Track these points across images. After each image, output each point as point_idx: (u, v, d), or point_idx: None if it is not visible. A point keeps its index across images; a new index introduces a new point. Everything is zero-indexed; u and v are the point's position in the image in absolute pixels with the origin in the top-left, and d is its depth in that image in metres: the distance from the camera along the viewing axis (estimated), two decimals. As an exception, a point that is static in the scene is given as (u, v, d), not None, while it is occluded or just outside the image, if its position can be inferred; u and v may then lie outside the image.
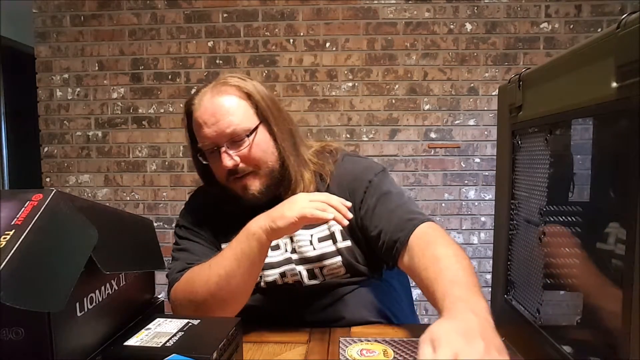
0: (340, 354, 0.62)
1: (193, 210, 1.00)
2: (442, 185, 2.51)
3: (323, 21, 2.48)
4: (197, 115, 0.88)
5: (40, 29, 2.56)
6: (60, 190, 0.53)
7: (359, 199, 0.89)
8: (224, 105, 0.87)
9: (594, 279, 0.55)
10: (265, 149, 0.88)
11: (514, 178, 0.72)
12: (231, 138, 0.85)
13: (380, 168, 0.94)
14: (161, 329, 0.60)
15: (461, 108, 2.49)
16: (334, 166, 0.94)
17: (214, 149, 0.87)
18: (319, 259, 0.89)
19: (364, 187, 0.89)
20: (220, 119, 0.85)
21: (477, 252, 2.52)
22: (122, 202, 2.58)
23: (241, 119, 0.86)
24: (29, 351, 0.48)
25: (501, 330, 0.76)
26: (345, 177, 0.92)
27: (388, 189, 0.89)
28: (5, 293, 0.40)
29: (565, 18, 2.43)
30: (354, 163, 0.96)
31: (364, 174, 0.91)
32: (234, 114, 0.86)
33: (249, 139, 0.86)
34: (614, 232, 0.49)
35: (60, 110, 2.58)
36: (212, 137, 0.86)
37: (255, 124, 0.88)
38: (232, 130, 0.85)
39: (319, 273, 0.89)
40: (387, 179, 0.93)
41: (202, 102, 0.89)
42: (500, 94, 0.77)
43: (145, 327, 0.61)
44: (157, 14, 2.52)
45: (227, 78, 0.92)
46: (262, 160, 0.88)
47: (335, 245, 0.89)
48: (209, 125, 0.86)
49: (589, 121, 0.57)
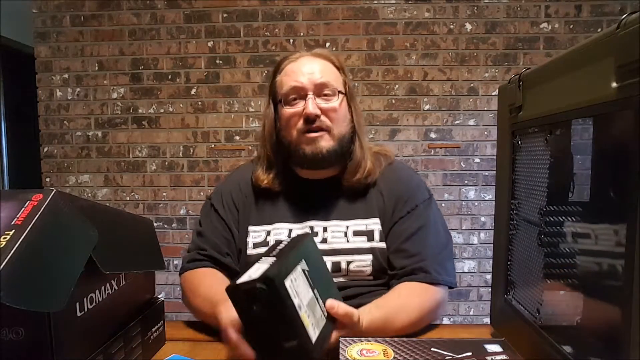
0: (340, 354, 0.62)
1: (227, 187, 1.01)
2: (442, 185, 2.51)
3: (323, 21, 2.48)
4: (293, 65, 0.93)
5: (40, 29, 2.56)
6: (60, 190, 0.53)
7: (400, 214, 0.92)
8: (321, 63, 0.93)
9: (594, 279, 0.55)
10: (344, 115, 0.93)
11: (514, 178, 0.72)
12: (321, 89, 0.90)
13: (428, 195, 0.96)
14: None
15: (461, 108, 2.49)
16: (386, 168, 0.97)
17: (299, 95, 0.90)
18: (350, 252, 0.89)
19: (410, 207, 0.92)
20: (316, 70, 0.91)
21: (477, 252, 2.52)
22: (122, 202, 2.58)
23: (335, 79, 0.93)
24: (29, 351, 0.48)
25: (501, 330, 0.77)
26: (398, 186, 0.95)
27: (427, 222, 0.92)
28: (5, 293, 0.40)
29: (565, 18, 2.43)
30: (409, 176, 0.99)
31: (415, 195, 0.94)
32: (329, 72, 0.93)
33: (338, 96, 0.91)
34: (613, 233, 0.49)
35: (60, 110, 2.58)
36: (304, 82, 0.89)
37: (343, 90, 0.94)
38: (325, 81, 0.90)
39: (345, 268, 0.89)
40: (430, 209, 0.94)
41: (301, 58, 0.94)
42: (500, 94, 0.77)
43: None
44: (157, 14, 2.52)
45: (324, 50, 0.99)
46: (340, 123, 0.92)
47: (371, 243, 0.90)
48: (304, 74, 0.90)
49: (589, 121, 0.57)
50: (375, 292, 0.88)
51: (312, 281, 0.64)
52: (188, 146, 2.57)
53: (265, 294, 0.54)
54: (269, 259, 0.61)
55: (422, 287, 0.85)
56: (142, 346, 0.68)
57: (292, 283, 0.57)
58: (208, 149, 2.56)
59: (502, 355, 0.61)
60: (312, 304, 0.61)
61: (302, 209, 0.94)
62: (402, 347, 0.64)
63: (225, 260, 0.92)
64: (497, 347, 0.64)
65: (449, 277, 0.88)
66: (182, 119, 2.56)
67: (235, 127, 2.55)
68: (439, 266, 0.87)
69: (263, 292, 0.54)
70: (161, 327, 0.76)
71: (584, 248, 0.57)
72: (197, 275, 0.90)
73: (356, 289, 0.89)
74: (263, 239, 0.92)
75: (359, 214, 0.92)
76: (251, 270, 0.58)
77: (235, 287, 0.56)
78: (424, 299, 0.84)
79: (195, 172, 2.57)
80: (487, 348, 0.64)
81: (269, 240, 0.91)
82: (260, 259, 0.62)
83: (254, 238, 0.93)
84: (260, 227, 0.94)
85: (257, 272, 0.56)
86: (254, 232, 0.93)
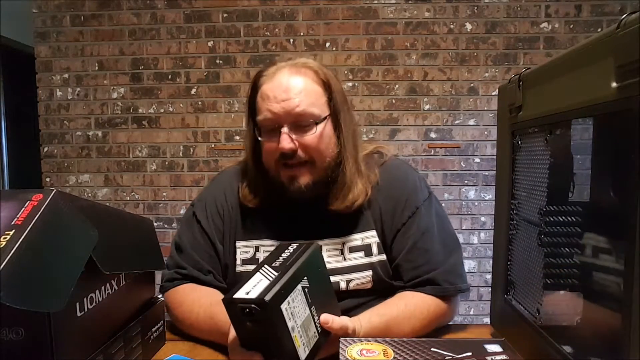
0: (340, 354, 0.62)
1: (211, 196, 0.93)
2: (442, 185, 2.51)
3: (323, 21, 2.48)
4: (268, 87, 0.81)
5: (40, 29, 2.56)
6: (60, 190, 0.53)
7: (401, 220, 0.86)
8: (299, 85, 0.80)
9: (594, 279, 0.55)
10: (327, 143, 0.83)
11: (514, 178, 0.72)
12: (297, 120, 0.79)
13: (427, 193, 0.91)
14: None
15: (461, 108, 2.49)
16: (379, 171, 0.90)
17: (274, 127, 0.80)
18: (348, 271, 0.85)
19: (410, 211, 0.86)
20: (291, 97, 0.79)
21: (477, 252, 2.52)
22: (122, 202, 2.58)
23: (313, 104, 0.80)
24: (29, 351, 0.48)
25: (501, 330, 0.77)
26: (394, 188, 0.89)
27: (430, 224, 0.87)
28: (5, 293, 0.40)
29: (565, 18, 2.43)
30: (405, 175, 0.92)
31: (414, 196, 0.88)
32: (307, 96, 0.80)
33: (316, 127, 0.80)
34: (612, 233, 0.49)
35: (60, 110, 2.58)
36: (277, 112, 0.79)
37: (325, 114, 0.82)
38: (301, 111, 0.79)
39: (345, 287, 0.85)
40: (432, 208, 0.89)
41: (277, 75, 0.82)
42: (500, 94, 0.77)
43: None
44: (157, 14, 2.52)
45: (307, 60, 0.85)
46: (322, 153, 0.82)
47: (369, 258, 0.85)
48: (277, 100, 0.79)
49: (589, 121, 0.57)
50: (377, 300, 0.85)
51: (310, 298, 0.64)
52: (188, 146, 2.57)
53: (260, 315, 0.54)
54: (270, 273, 0.60)
55: (431, 299, 0.82)
56: (142, 346, 0.68)
57: (289, 305, 0.58)
58: (208, 149, 2.56)
59: (502, 355, 0.61)
60: (307, 322, 0.62)
61: (291, 227, 0.86)
62: (402, 347, 0.64)
63: (207, 279, 0.87)
64: (497, 347, 0.64)
65: (460, 283, 0.85)
66: (182, 119, 2.56)
67: (235, 127, 2.54)
68: (449, 274, 0.83)
69: (258, 313, 0.54)
70: (161, 327, 0.76)
71: (584, 248, 0.57)
72: (180, 292, 0.86)
73: (357, 299, 0.86)
74: (252, 255, 0.87)
75: (353, 229, 0.87)
76: (250, 283, 0.58)
77: (231, 301, 0.56)
78: (431, 311, 0.81)
79: (195, 172, 2.57)
80: (487, 348, 0.64)
81: (258, 257, 0.87)
82: (262, 267, 0.62)
83: (242, 254, 0.88)
84: (248, 242, 0.88)
85: (255, 290, 0.56)
86: (242, 248, 0.88)
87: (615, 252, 0.48)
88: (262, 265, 0.63)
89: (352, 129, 0.87)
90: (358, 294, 0.86)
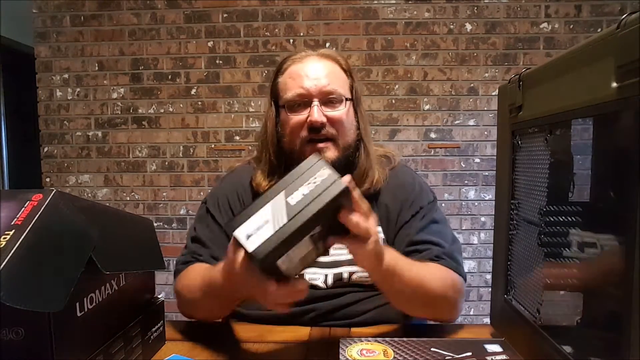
0: (340, 354, 0.62)
1: (223, 191, 0.97)
2: (442, 185, 2.51)
3: (323, 21, 2.48)
4: (298, 67, 0.89)
5: (40, 29, 2.56)
6: (60, 190, 0.53)
7: (405, 218, 0.90)
8: (328, 67, 0.89)
9: (594, 279, 0.55)
10: (351, 123, 0.89)
11: (514, 178, 0.72)
12: (327, 95, 0.86)
13: (432, 197, 0.95)
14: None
15: (461, 108, 2.49)
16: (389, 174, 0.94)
17: (303, 102, 0.86)
18: (351, 263, 0.86)
19: (415, 209, 0.90)
20: (322, 75, 0.86)
21: (477, 252, 2.52)
22: (122, 202, 2.58)
23: (342, 84, 0.89)
24: (29, 351, 0.48)
25: (501, 330, 0.77)
26: (402, 191, 0.93)
27: (435, 219, 0.91)
28: (5, 293, 0.40)
29: (565, 18, 2.43)
30: (412, 180, 0.96)
31: (420, 198, 0.92)
32: (336, 78, 0.88)
33: (345, 103, 0.87)
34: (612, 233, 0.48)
35: (60, 110, 2.58)
36: (309, 88, 0.85)
37: (349, 96, 0.90)
38: (332, 89, 0.86)
39: (347, 278, 0.87)
40: (435, 210, 0.93)
41: (306, 59, 0.90)
42: (500, 94, 0.77)
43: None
44: (157, 14, 2.52)
45: (332, 51, 0.94)
46: (346, 132, 0.88)
47: None
48: (310, 78, 0.86)
49: (589, 121, 0.57)
50: (377, 296, 0.86)
51: (318, 236, 0.57)
52: (188, 146, 2.57)
53: (255, 262, 0.53)
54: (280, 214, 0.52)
55: (446, 270, 0.82)
56: (142, 346, 0.68)
57: (287, 257, 0.54)
58: (208, 149, 2.56)
59: (502, 355, 0.61)
60: (308, 254, 0.58)
61: None
62: (402, 347, 0.64)
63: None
64: (497, 347, 0.64)
65: (462, 269, 0.86)
66: (182, 119, 2.56)
67: (235, 127, 2.55)
68: (451, 259, 0.85)
69: (253, 258, 0.53)
70: (161, 327, 0.76)
71: (584, 248, 0.57)
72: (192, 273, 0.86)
73: (357, 294, 0.87)
74: None
75: None
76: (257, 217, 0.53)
77: (231, 230, 0.54)
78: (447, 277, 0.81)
79: (195, 172, 2.57)
80: (487, 348, 0.64)
81: None
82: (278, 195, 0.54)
83: None
84: None
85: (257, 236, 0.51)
86: None
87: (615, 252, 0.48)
88: (279, 192, 0.54)
89: (367, 121, 0.95)
90: (359, 288, 0.87)
